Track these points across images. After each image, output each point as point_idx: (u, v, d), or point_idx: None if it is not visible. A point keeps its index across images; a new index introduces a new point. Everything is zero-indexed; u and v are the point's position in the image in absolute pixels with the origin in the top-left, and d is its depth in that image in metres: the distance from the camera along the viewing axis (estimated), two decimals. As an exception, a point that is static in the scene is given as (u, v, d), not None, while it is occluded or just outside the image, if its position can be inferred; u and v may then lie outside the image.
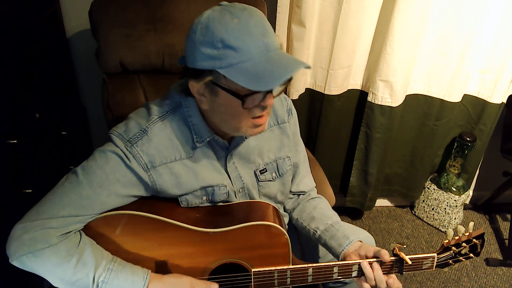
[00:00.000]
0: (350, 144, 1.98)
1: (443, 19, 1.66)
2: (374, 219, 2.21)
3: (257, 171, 1.02)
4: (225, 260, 0.94)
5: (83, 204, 0.83)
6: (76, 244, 0.83)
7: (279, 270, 0.94)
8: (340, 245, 1.01)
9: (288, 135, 1.06)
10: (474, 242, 0.98)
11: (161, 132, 0.88)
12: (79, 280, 0.82)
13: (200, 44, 0.77)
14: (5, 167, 1.18)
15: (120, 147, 0.85)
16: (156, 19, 1.34)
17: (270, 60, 0.76)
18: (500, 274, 1.93)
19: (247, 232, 0.92)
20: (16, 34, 1.25)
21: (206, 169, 0.94)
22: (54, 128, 1.53)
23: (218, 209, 0.99)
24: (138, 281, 0.85)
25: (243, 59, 0.75)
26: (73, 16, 1.60)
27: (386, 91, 1.74)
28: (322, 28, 1.68)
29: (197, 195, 0.95)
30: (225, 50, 0.75)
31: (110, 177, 0.84)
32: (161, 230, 0.90)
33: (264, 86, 0.74)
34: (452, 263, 0.99)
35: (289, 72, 0.75)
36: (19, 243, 0.80)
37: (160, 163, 0.88)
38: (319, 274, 0.96)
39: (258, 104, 0.81)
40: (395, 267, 0.96)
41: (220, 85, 0.79)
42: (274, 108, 1.02)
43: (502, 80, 1.78)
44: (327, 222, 1.07)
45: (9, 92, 1.20)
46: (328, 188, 1.38)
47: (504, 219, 2.25)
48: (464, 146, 1.94)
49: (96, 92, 1.48)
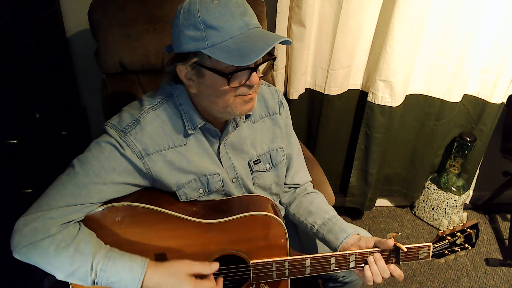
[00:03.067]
0: (350, 144, 1.98)
1: (443, 19, 1.66)
2: (374, 219, 2.21)
3: (251, 161, 1.04)
4: (224, 252, 0.95)
5: (80, 193, 0.84)
6: (74, 234, 0.84)
7: (277, 262, 0.96)
8: (338, 239, 1.03)
9: (280, 126, 1.08)
10: (469, 232, 1.00)
11: (154, 121, 0.90)
12: (77, 269, 0.83)
13: (183, 27, 0.81)
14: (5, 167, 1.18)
15: (114, 137, 0.88)
16: (156, 19, 1.34)
17: (250, 37, 0.80)
18: (500, 274, 1.93)
19: (245, 223, 0.94)
20: (16, 34, 1.25)
21: (200, 156, 0.95)
22: (54, 128, 1.53)
23: (217, 204, 1.01)
24: (136, 268, 0.85)
25: (225, 38, 0.79)
26: (73, 16, 1.60)
27: (386, 91, 1.74)
28: (322, 28, 1.68)
29: (193, 187, 0.96)
30: (207, 30, 0.79)
31: (105, 166, 0.86)
32: (160, 221, 0.91)
33: (246, 61, 0.77)
34: (448, 253, 1.00)
35: (269, 45, 0.78)
36: (20, 235, 0.81)
37: (154, 150, 0.90)
38: (317, 265, 0.97)
39: (244, 83, 0.84)
40: (392, 256, 0.97)
41: (206, 65, 0.82)
42: (265, 100, 1.06)
43: (502, 80, 1.78)
44: (324, 217, 1.08)
45: (9, 92, 1.20)
46: (328, 188, 1.38)
47: (504, 219, 2.25)
48: (464, 146, 1.94)
49: (96, 92, 1.48)
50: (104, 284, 0.84)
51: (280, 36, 0.82)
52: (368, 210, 2.17)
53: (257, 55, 0.77)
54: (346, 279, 1.22)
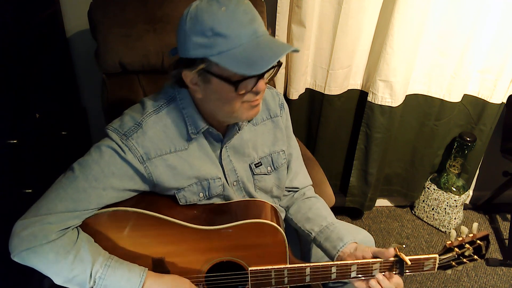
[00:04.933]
0: (350, 144, 1.98)
1: (443, 19, 1.66)
2: (374, 219, 2.21)
3: (252, 164, 1.03)
4: (222, 258, 0.94)
5: (80, 197, 0.84)
6: (73, 241, 0.83)
7: (276, 270, 0.94)
8: (335, 248, 1.01)
9: (281, 129, 1.07)
10: (478, 244, 0.96)
11: (156, 125, 0.89)
12: (76, 276, 0.83)
13: (191, 34, 0.79)
14: (5, 167, 1.18)
15: (115, 140, 0.87)
16: (156, 19, 1.34)
17: (259, 45, 0.79)
18: (500, 274, 1.93)
19: (243, 229, 0.92)
20: (16, 34, 1.25)
21: (201, 161, 0.95)
22: (54, 128, 1.53)
23: (216, 208, 0.99)
24: (135, 278, 0.85)
25: (233, 46, 0.77)
26: (73, 16, 1.60)
27: (386, 91, 1.74)
28: (322, 28, 1.68)
29: (194, 191, 0.96)
30: (215, 38, 0.77)
31: (105, 171, 0.85)
32: (158, 227, 0.90)
33: (255, 70, 0.76)
34: (456, 265, 0.96)
35: (278, 55, 0.77)
36: (19, 239, 0.81)
37: (155, 155, 0.89)
38: (317, 274, 0.95)
39: (250, 90, 0.83)
40: (396, 268, 0.95)
41: (213, 72, 0.81)
42: (266, 102, 1.05)
43: (502, 80, 1.78)
44: (322, 224, 1.06)
45: (9, 92, 1.20)
46: (328, 188, 1.37)
47: (504, 219, 2.25)
48: (464, 146, 1.94)
49: (96, 92, 1.48)
50: None
51: (289, 46, 0.81)
52: (368, 210, 2.17)
53: (266, 65, 0.76)
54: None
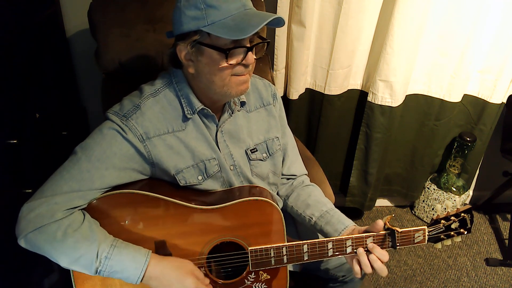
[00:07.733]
0: (350, 144, 1.98)
1: (443, 19, 1.66)
2: (374, 219, 2.21)
3: (248, 150, 1.07)
4: (222, 238, 0.97)
5: (83, 177, 0.87)
6: (80, 221, 0.86)
7: (275, 248, 0.97)
8: (336, 230, 1.05)
9: (274, 116, 1.13)
10: (463, 216, 1.00)
11: (154, 107, 0.95)
12: (82, 256, 0.84)
13: (185, 8, 0.87)
14: (5, 167, 1.18)
15: (116, 122, 0.92)
16: (155, 19, 1.34)
17: (247, 15, 0.87)
18: (500, 274, 1.93)
19: (242, 208, 0.96)
20: (16, 34, 1.25)
21: (197, 141, 0.99)
22: (54, 128, 1.53)
23: (216, 193, 1.03)
24: (140, 258, 0.87)
25: (224, 16, 0.85)
26: (73, 16, 1.60)
27: (386, 91, 1.74)
28: (322, 28, 1.68)
29: (192, 173, 0.99)
30: (207, 9, 0.85)
31: (107, 152, 0.89)
32: (160, 208, 0.94)
33: (243, 34, 0.83)
34: (444, 237, 1.00)
35: (264, 20, 0.84)
36: (26, 221, 0.83)
37: (154, 134, 0.94)
38: (315, 251, 0.98)
39: (241, 61, 0.89)
40: (388, 241, 0.99)
41: (205, 43, 0.88)
42: (259, 91, 1.11)
43: (502, 80, 1.78)
44: (322, 209, 1.11)
45: (9, 92, 1.20)
46: (328, 188, 1.38)
47: (504, 219, 2.25)
48: (464, 146, 1.94)
49: (96, 92, 1.48)
50: (107, 273, 0.85)
51: (274, 14, 0.87)
52: (368, 210, 2.17)
53: (254, 29, 0.82)
54: (346, 279, 1.22)
